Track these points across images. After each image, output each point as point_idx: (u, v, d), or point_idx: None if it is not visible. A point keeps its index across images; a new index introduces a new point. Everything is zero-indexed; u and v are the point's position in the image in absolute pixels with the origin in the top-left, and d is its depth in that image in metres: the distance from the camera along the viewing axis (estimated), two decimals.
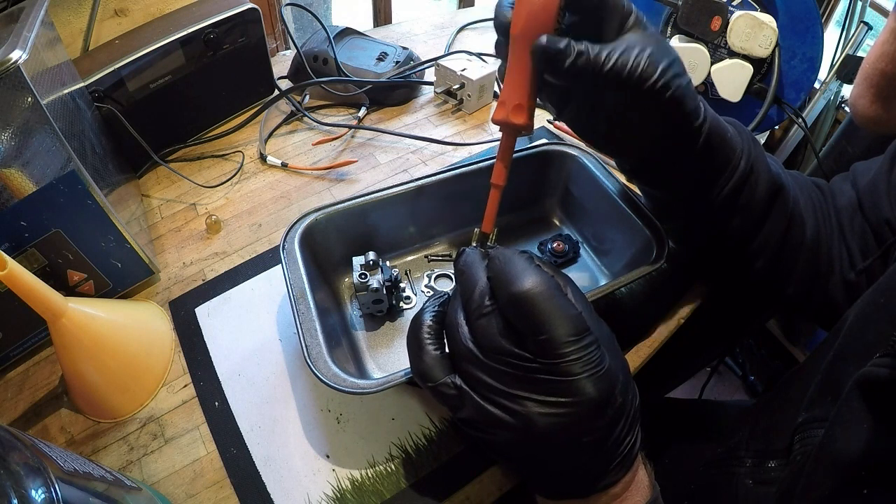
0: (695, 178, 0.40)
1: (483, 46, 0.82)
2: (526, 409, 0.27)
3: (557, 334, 0.26)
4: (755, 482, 0.39)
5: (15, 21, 0.41)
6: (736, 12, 0.59)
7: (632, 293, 0.51)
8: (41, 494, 0.23)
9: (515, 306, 0.27)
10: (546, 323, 0.26)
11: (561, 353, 0.26)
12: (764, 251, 0.43)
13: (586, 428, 0.27)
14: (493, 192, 0.35)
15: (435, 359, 0.31)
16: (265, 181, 0.62)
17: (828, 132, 0.97)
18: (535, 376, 0.27)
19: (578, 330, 0.27)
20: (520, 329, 0.27)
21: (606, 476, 0.29)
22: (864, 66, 0.33)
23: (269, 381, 0.44)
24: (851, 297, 0.44)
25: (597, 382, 0.27)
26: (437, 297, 0.34)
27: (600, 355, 0.27)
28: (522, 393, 0.27)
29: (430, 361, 0.30)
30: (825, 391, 0.34)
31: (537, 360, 0.27)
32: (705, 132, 0.37)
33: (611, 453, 0.28)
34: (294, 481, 0.39)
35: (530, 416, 0.27)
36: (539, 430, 0.27)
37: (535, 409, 0.27)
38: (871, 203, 0.45)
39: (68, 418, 0.42)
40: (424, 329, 0.32)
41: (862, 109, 0.34)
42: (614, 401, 0.28)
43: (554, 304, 0.27)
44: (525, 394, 0.27)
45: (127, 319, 0.45)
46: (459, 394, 0.29)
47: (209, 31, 0.60)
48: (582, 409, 0.27)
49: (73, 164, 0.40)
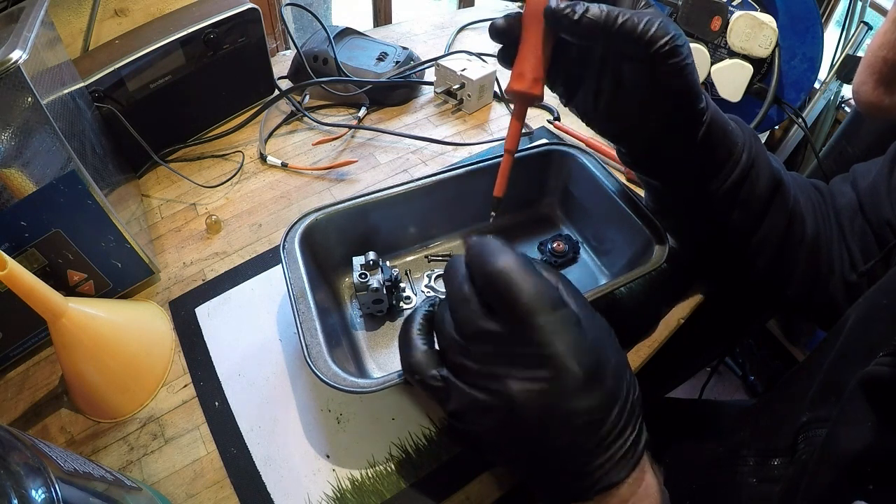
0: (696, 170, 0.40)
1: (483, 46, 0.82)
2: (506, 387, 0.27)
3: (531, 305, 0.26)
4: (758, 480, 0.39)
5: (15, 21, 0.41)
6: (736, 12, 0.59)
7: (632, 293, 0.51)
8: (41, 494, 0.23)
9: (491, 285, 0.28)
10: (519, 295, 0.27)
11: (534, 323, 0.26)
12: (765, 249, 0.43)
13: (571, 404, 0.27)
14: (505, 157, 0.37)
15: (423, 353, 0.31)
16: (265, 181, 0.62)
17: (828, 132, 0.97)
18: (513, 351, 0.27)
19: (553, 302, 0.27)
20: (496, 308, 0.28)
21: (609, 473, 0.27)
22: (866, 55, 0.34)
23: (269, 381, 0.44)
24: (852, 297, 0.44)
25: (577, 354, 0.26)
26: (430, 299, 0.35)
27: (581, 331, 0.27)
28: (502, 371, 0.27)
29: (419, 356, 0.31)
30: (828, 391, 0.34)
31: (514, 334, 0.27)
32: (707, 120, 0.37)
33: (609, 444, 0.27)
34: (294, 481, 0.39)
35: (510, 393, 0.27)
36: (520, 407, 0.27)
37: (514, 385, 0.27)
38: (872, 205, 0.45)
39: (68, 418, 0.42)
40: (415, 326, 0.33)
41: (865, 96, 0.34)
42: (601, 377, 0.27)
43: (527, 279, 0.27)
44: (505, 370, 0.27)
45: (127, 319, 0.45)
46: (446, 385, 0.30)
47: (209, 31, 0.60)
48: (562, 382, 0.26)
49: (73, 164, 0.40)
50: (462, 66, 0.71)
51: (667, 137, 0.39)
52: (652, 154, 0.41)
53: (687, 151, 0.39)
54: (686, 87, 0.35)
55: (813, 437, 0.33)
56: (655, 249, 0.44)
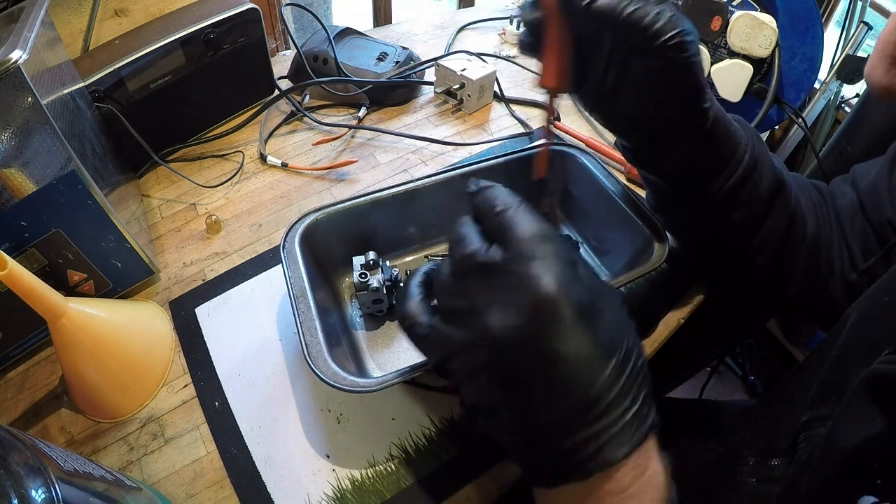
0: (699, 169, 0.40)
1: (483, 46, 0.82)
2: (486, 320, 0.25)
3: (523, 231, 0.26)
4: (758, 480, 0.39)
5: (15, 21, 0.41)
6: (736, 12, 0.59)
7: (632, 293, 0.51)
8: (41, 494, 0.23)
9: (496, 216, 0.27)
10: (515, 223, 0.26)
11: (522, 249, 0.25)
12: (766, 249, 0.43)
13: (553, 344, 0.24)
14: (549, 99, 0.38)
15: (418, 304, 0.32)
16: (265, 181, 0.62)
17: (828, 132, 0.98)
18: (496, 279, 0.26)
19: (545, 234, 0.26)
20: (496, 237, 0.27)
21: (603, 448, 0.24)
22: (878, 40, 0.35)
23: (269, 381, 0.44)
24: (852, 297, 0.44)
25: (566, 287, 0.24)
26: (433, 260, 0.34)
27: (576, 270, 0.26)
28: (485, 302, 0.26)
29: (413, 306, 0.31)
30: (829, 390, 0.34)
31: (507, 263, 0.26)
32: (712, 118, 0.37)
33: (603, 411, 0.24)
34: (294, 481, 0.39)
35: (489, 326, 0.25)
36: (499, 343, 0.25)
37: (495, 317, 0.25)
38: (873, 204, 0.45)
39: (68, 418, 0.42)
40: (415, 280, 0.33)
41: (877, 79, 0.35)
42: (592, 320, 0.24)
43: (528, 213, 0.27)
44: (486, 301, 0.26)
45: (127, 319, 0.45)
46: (431, 333, 0.29)
47: (209, 31, 0.60)
48: (544, 316, 0.24)
49: (73, 164, 0.40)
50: (462, 66, 0.71)
51: (670, 134, 0.39)
52: (655, 150, 0.41)
53: (690, 149, 0.39)
54: (692, 83, 0.35)
55: (813, 436, 0.33)
56: (655, 248, 0.44)
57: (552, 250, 0.25)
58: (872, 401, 0.28)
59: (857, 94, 0.95)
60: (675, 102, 0.36)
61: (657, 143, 0.40)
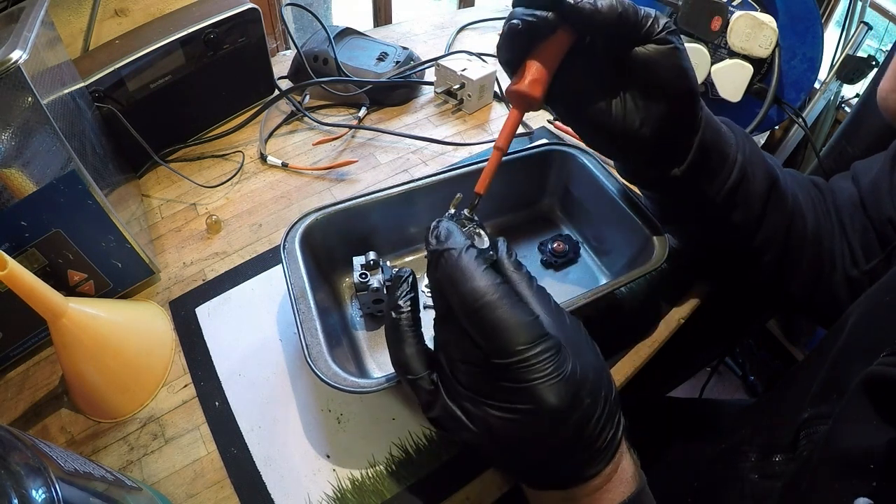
0: (695, 177, 0.40)
1: (483, 46, 0.82)
2: (485, 415, 0.28)
3: (509, 342, 0.26)
4: (760, 476, 0.39)
5: (15, 21, 0.41)
6: (736, 12, 0.59)
7: (632, 293, 0.51)
8: (41, 494, 0.23)
9: (467, 316, 0.27)
10: (497, 331, 0.26)
11: (514, 360, 0.26)
12: (770, 245, 0.43)
13: (548, 434, 0.27)
14: (494, 154, 0.36)
15: (415, 351, 0.31)
16: (265, 181, 0.62)
17: (828, 132, 0.97)
18: (494, 382, 0.27)
19: (532, 336, 0.26)
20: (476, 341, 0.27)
21: (585, 470, 0.28)
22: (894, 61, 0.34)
23: (270, 381, 0.44)
24: (853, 294, 0.44)
25: (556, 388, 0.26)
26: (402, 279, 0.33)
27: (560, 360, 0.27)
28: (483, 398, 0.28)
29: (411, 353, 0.31)
30: (830, 388, 0.34)
31: (495, 366, 0.27)
32: (702, 125, 0.37)
33: (586, 450, 0.28)
34: (294, 481, 0.39)
35: (489, 422, 0.28)
36: (498, 436, 0.28)
37: (493, 414, 0.27)
38: (874, 201, 0.45)
39: (68, 418, 0.42)
40: (404, 319, 0.32)
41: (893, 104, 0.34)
42: (579, 404, 0.27)
43: (505, 313, 0.27)
44: (485, 399, 0.28)
45: (127, 319, 0.45)
46: (435, 390, 0.30)
47: (209, 31, 0.60)
48: (541, 416, 0.26)
49: (73, 164, 0.40)
50: (462, 66, 0.71)
51: (666, 145, 0.38)
52: (652, 166, 0.41)
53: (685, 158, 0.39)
54: (687, 89, 0.35)
55: (814, 434, 0.33)
56: (655, 247, 0.44)
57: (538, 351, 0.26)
58: (869, 402, 0.28)
59: (857, 94, 0.95)
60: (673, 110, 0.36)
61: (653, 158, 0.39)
